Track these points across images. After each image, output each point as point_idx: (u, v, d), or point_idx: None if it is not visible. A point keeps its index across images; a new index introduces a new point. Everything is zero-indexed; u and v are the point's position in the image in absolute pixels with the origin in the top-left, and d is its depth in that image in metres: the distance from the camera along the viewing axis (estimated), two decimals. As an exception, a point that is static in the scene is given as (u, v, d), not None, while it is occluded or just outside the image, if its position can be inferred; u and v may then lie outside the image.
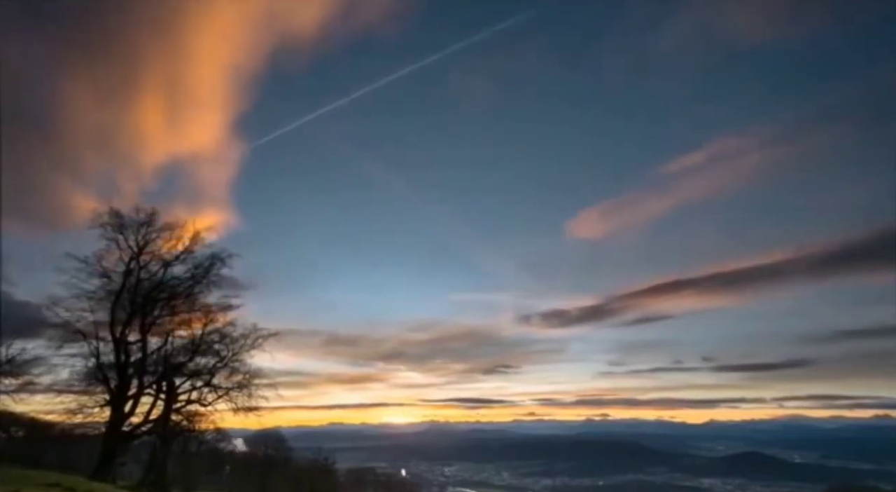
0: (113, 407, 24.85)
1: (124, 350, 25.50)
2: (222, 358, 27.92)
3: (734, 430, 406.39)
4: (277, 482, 51.01)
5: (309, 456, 60.19)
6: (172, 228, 26.89)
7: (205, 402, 27.95)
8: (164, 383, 26.97)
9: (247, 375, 28.07)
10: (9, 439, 36.72)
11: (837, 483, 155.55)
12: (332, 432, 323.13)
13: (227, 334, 28.20)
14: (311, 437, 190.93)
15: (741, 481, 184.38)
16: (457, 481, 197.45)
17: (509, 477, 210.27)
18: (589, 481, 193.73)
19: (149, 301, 26.32)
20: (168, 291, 27.02)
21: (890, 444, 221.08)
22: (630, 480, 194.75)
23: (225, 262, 27.38)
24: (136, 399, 25.86)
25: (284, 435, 61.34)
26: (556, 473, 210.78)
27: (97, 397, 25.23)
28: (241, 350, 28.09)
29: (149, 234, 26.21)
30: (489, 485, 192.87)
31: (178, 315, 27.46)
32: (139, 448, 31.67)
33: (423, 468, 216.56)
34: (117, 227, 25.57)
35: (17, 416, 33.22)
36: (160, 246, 26.69)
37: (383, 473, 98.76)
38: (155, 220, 26.35)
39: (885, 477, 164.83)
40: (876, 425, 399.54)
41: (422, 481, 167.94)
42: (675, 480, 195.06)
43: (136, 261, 26.06)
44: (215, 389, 27.95)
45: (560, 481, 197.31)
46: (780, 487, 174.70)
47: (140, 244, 26.06)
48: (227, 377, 28.10)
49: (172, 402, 27.08)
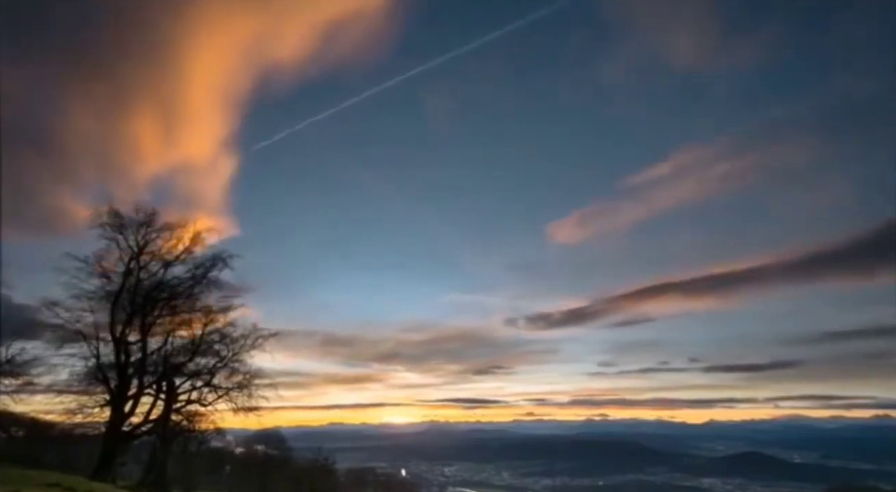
0: (113, 407, 24.84)
1: (124, 350, 25.48)
2: (222, 358, 27.90)
3: (734, 430, 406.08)
4: (277, 482, 51.02)
5: (309, 456, 60.19)
6: (172, 228, 26.91)
7: (205, 402, 27.92)
8: (164, 382, 26.94)
9: (247, 375, 28.07)
10: (9, 439, 36.73)
11: (837, 483, 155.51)
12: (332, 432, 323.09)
13: (227, 334, 28.20)
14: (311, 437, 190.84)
15: (741, 481, 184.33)
16: (457, 481, 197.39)
17: (509, 477, 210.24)
18: (589, 481, 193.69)
19: (149, 301, 26.29)
20: (168, 292, 26.99)
21: (890, 444, 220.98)
22: (630, 480, 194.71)
23: (226, 262, 27.44)
24: (136, 399, 25.84)
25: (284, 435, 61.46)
26: (556, 473, 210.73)
27: (97, 397, 25.23)
28: (241, 350, 28.09)
29: (148, 234, 26.22)
30: (489, 485, 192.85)
31: (178, 315, 27.41)
32: (139, 448, 31.64)
33: (423, 468, 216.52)
34: (117, 227, 25.57)
35: (17, 416, 33.26)
36: (160, 246, 26.72)
37: (383, 473, 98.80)
38: (154, 220, 26.37)
39: (885, 477, 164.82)
40: (876, 425, 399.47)
41: (422, 481, 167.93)
42: (675, 480, 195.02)
43: (135, 261, 26.04)
44: (215, 389, 27.91)
45: (560, 481, 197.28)
46: (780, 487, 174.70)
47: (140, 244, 26.05)
48: (227, 377, 28.09)
49: (172, 402, 27.05)
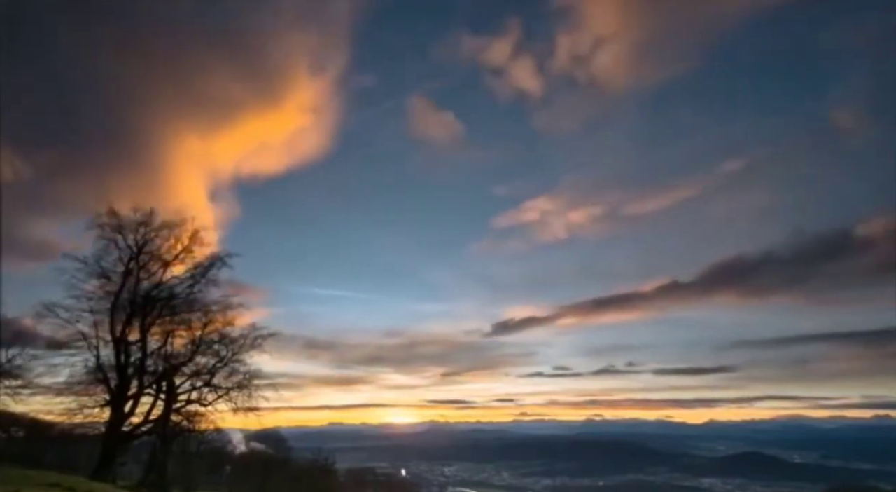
0: (113, 407, 24.82)
1: (124, 350, 25.45)
2: (222, 358, 27.87)
3: (734, 430, 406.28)
4: (277, 482, 51.02)
5: (309, 456, 60.25)
6: (171, 228, 26.88)
7: (205, 402, 27.88)
8: (164, 383, 26.93)
9: (246, 375, 28.08)
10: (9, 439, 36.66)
11: (837, 483, 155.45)
12: (331, 432, 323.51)
13: (226, 334, 28.18)
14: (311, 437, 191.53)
15: (741, 481, 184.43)
16: (457, 481, 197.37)
17: (509, 477, 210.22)
18: (589, 481, 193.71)
19: (148, 301, 26.26)
20: (167, 291, 26.97)
21: (890, 444, 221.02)
22: (630, 480, 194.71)
23: (225, 261, 27.44)
24: (136, 399, 25.82)
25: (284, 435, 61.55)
26: (556, 473, 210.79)
27: (97, 397, 25.16)
28: (241, 350, 28.08)
29: (147, 233, 26.18)
30: (489, 485, 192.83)
31: (177, 315, 27.36)
32: (139, 448, 31.62)
33: (423, 468, 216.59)
34: (115, 227, 25.56)
35: (17, 416, 33.19)
36: (159, 246, 26.66)
37: (383, 473, 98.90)
38: (153, 220, 26.34)
39: (885, 477, 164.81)
40: (876, 425, 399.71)
41: (422, 481, 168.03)
42: (675, 480, 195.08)
43: (135, 261, 26.00)
44: (215, 389, 27.88)
45: (560, 481, 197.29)
46: (780, 487, 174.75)
47: (139, 244, 26.00)
48: (227, 377, 28.06)
49: (172, 402, 27.02)
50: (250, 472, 52.23)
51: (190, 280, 27.18)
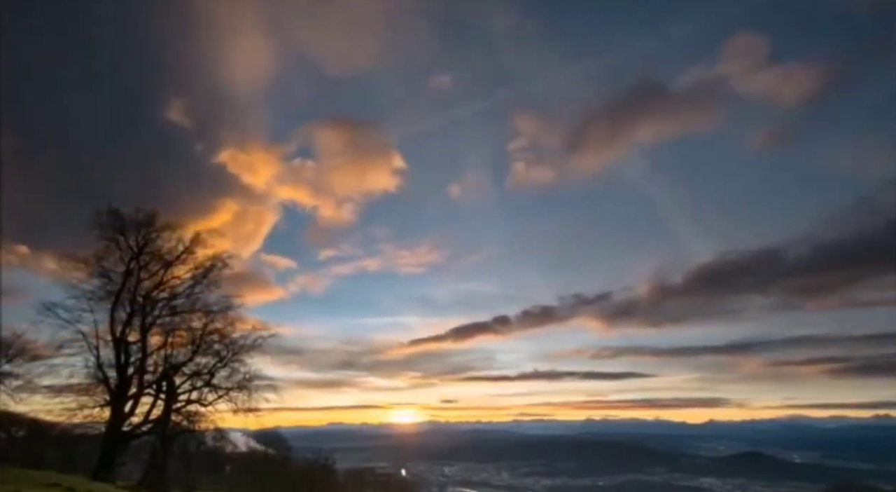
0: (113, 407, 24.84)
1: (124, 350, 25.49)
2: (222, 358, 27.90)
3: (734, 430, 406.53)
4: (277, 482, 51.03)
5: (309, 456, 60.23)
6: (173, 229, 26.95)
7: (205, 402, 27.89)
8: (164, 382, 26.94)
9: (246, 375, 28.08)
10: (9, 439, 36.73)
11: (837, 483, 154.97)
12: (331, 432, 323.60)
13: (226, 334, 28.20)
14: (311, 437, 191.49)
15: (741, 481, 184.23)
16: (457, 481, 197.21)
17: (509, 477, 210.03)
18: (589, 481, 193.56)
19: (149, 301, 26.33)
20: (168, 292, 27.05)
21: (890, 444, 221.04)
22: (630, 480, 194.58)
23: (225, 262, 27.46)
24: (136, 399, 25.86)
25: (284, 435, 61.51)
26: (556, 473, 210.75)
27: (97, 397, 25.21)
28: (241, 350, 28.09)
29: (148, 234, 26.23)
30: (489, 485, 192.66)
31: (178, 315, 27.43)
32: (139, 448, 31.62)
33: (423, 468, 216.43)
34: (117, 227, 25.60)
35: (17, 416, 33.26)
36: (160, 246, 26.72)
37: (383, 473, 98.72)
38: (155, 220, 26.39)
39: (885, 477, 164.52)
40: (876, 424, 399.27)
41: (422, 481, 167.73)
42: (675, 480, 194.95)
43: (135, 261, 26.04)
44: (215, 389, 27.89)
45: (560, 481, 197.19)
46: (779, 487, 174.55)
47: (140, 244, 26.05)
48: (227, 377, 28.08)
49: (172, 402, 27.02)
50: (250, 472, 52.24)
51: (191, 281, 27.26)
